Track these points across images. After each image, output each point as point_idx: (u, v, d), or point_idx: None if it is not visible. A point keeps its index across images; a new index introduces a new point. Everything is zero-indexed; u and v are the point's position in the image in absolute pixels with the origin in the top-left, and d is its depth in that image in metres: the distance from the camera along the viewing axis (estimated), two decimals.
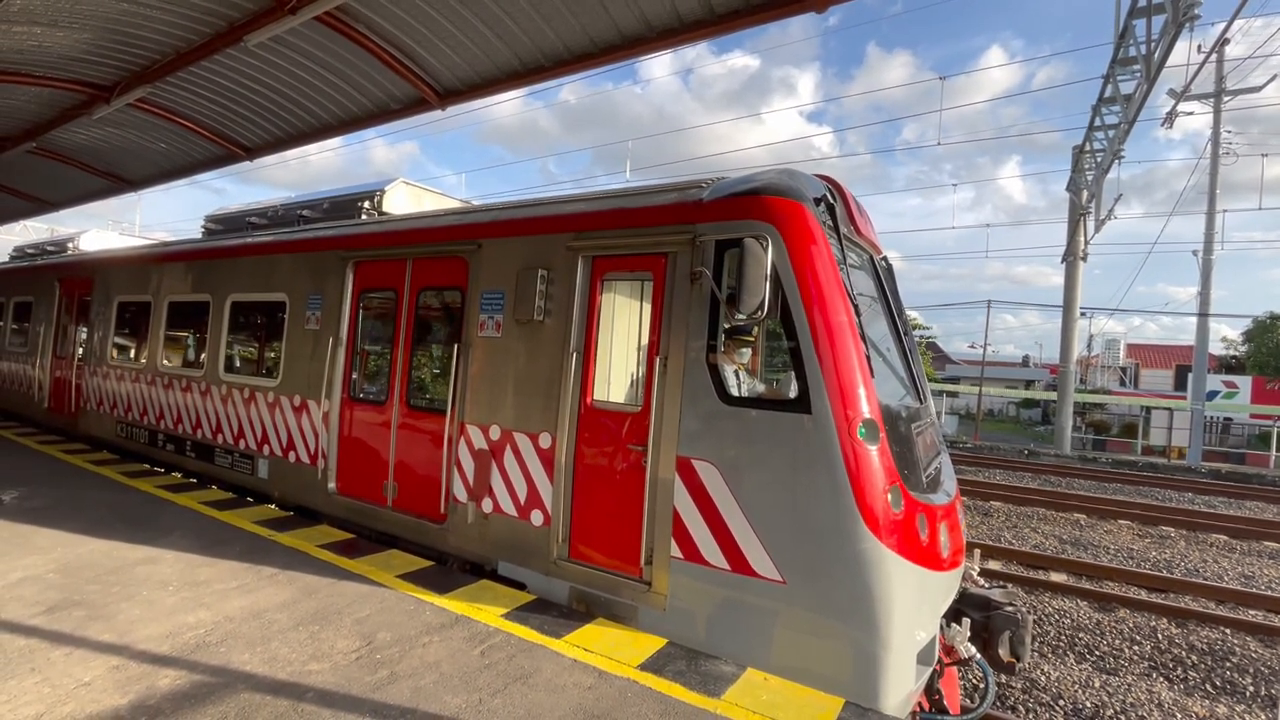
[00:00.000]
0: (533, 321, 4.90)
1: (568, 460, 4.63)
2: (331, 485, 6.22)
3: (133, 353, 9.75)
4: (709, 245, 4.19)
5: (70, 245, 12.49)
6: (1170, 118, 22.08)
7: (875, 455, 3.65)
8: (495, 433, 5.06)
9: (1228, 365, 39.88)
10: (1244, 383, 31.35)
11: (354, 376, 6.35)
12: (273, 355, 7.36)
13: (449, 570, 5.22)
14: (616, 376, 4.72)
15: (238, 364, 7.93)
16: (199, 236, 9.47)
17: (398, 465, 5.76)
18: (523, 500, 4.88)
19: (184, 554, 5.12)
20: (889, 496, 3.63)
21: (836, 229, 4.21)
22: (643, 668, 3.72)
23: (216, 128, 9.33)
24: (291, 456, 6.67)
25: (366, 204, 7.13)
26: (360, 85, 7.65)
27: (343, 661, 3.55)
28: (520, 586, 4.83)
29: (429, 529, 5.43)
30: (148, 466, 8.33)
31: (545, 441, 4.75)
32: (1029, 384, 55.98)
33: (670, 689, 3.49)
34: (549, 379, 4.80)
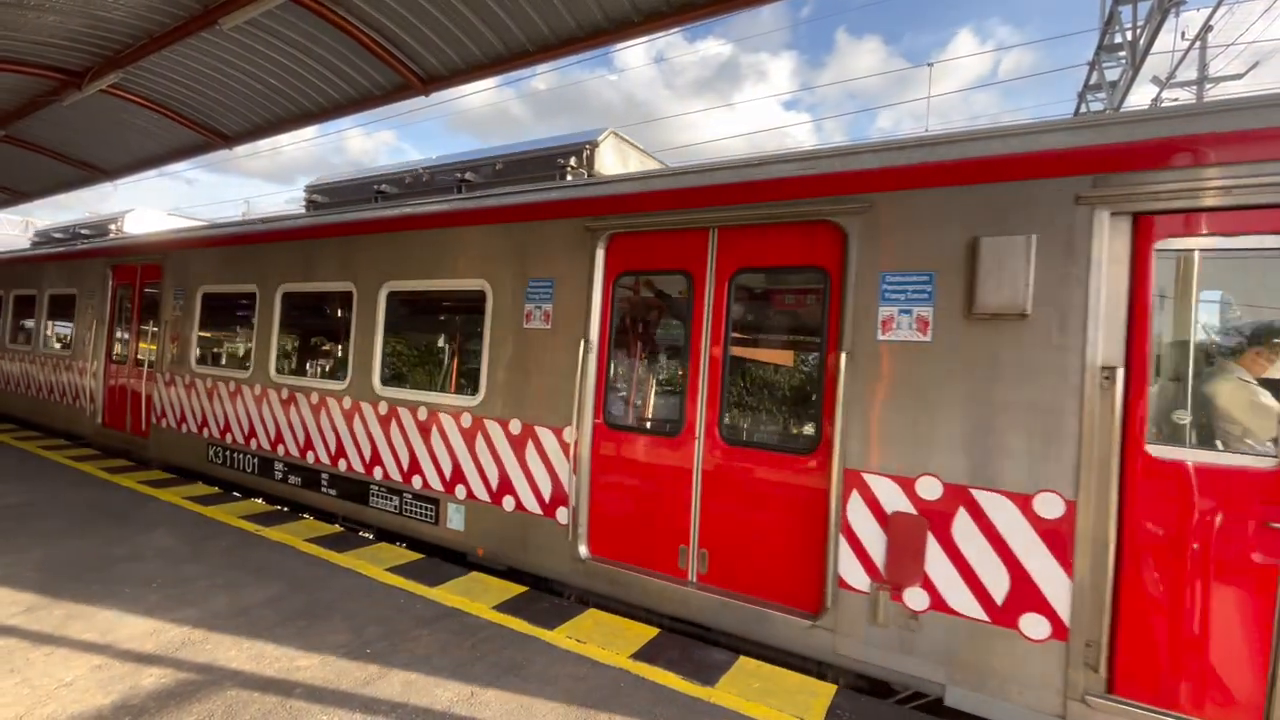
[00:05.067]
0: (1007, 316, 3.30)
1: (1103, 536, 3.04)
2: (583, 548, 4.54)
3: (231, 358, 8.21)
4: None
5: (114, 227, 10.66)
6: (1154, 105, 22.30)
7: None
8: (931, 489, 3.45)
9: None
10: None
11: (616, 395, 4.84)
12: (466, 364, 5.92)
13: (439, 563, 5.18)
14: (1191, 407, 3.17)
15: (404, 375, 6.30)
16: (302, 211, 7.70)
17: (710, 525, 4.14)
18: (1000, 597, 3.26)
19: (168, 550, 5.03)
20: None
21: None
22: (635, 657, 3.71)
23: (194, 115, 9.09)
24: (508, 502, 4.96)
25: (571, 160, 5.59)
26: (341, 71, 7.48)
27: (332, 656, 3.50)
28: None
29: (786, 624, 3.78)
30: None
31: (1049, 507, 3.16)
32: None
33: (663, 678, 3.49)
34: (1050, 409, 3.19)
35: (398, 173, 6.89)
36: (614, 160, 5.94)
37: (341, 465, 6.08)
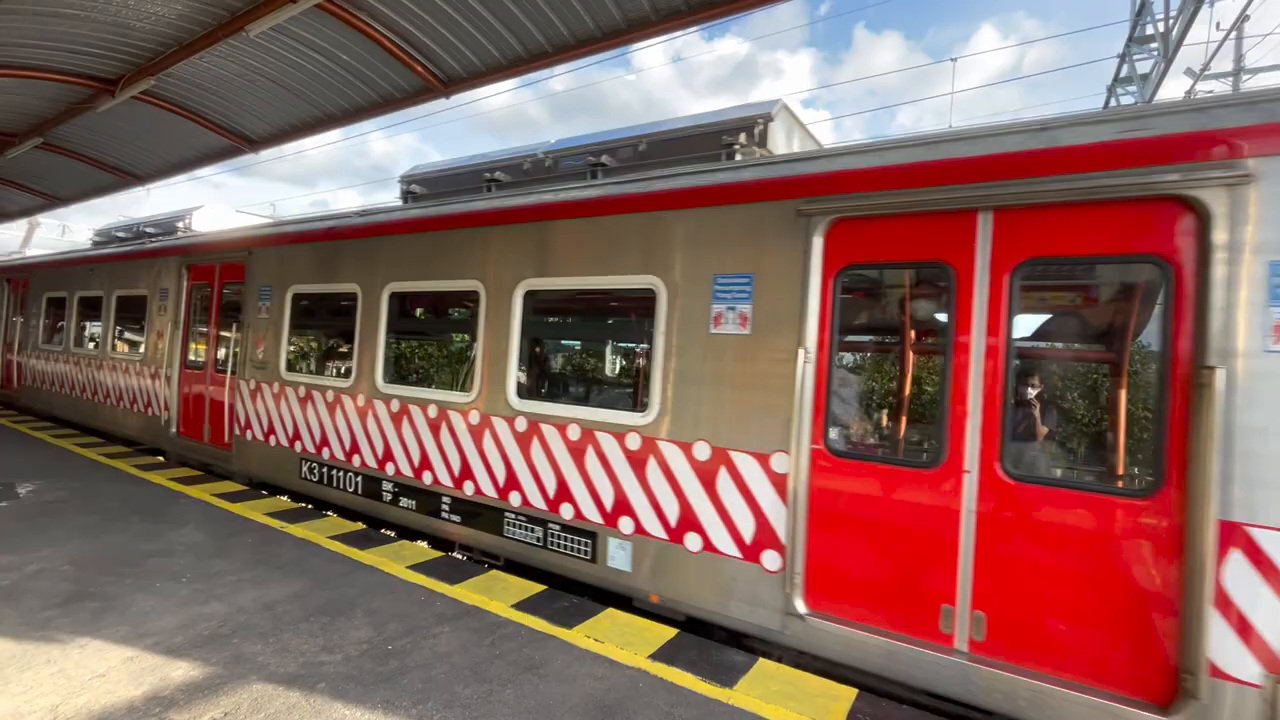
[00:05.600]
0: None
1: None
2: (799, 602, 3.77)
3: (328, 365, 7.63)
4: None
5: (182, 225, 10.15)
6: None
7: None
8: None
9: None
10: None
11: (842, 415, 4.18)
12: (631, 375, 5.31)
13: (459, 561, 5.22)
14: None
15: (547, 387, 5.78)
16: (399, 204, 7.00)
17: (990, 582, 3.33)
18: None
19: (197, 546, 5.15)
20: None
21: None
22: (654, 657, 3.70)
23: (221, 120, 9.31)
24: (692, 541, 4.19)
25: (741, 137, 4.85)
26: (363, 74, 7.60)
27: (354, 652, 3.55)
28: None
29: (1113, 716, 3.01)
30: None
31: None
32: None
33: (682, 679, 3.48)
34: None
35: (510, 158, 6.17)
36: (784, 138, 5.14)
37: (468, 488, 5.35)
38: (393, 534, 5.98)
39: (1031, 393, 4.30)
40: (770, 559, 3.89)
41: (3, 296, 14.15)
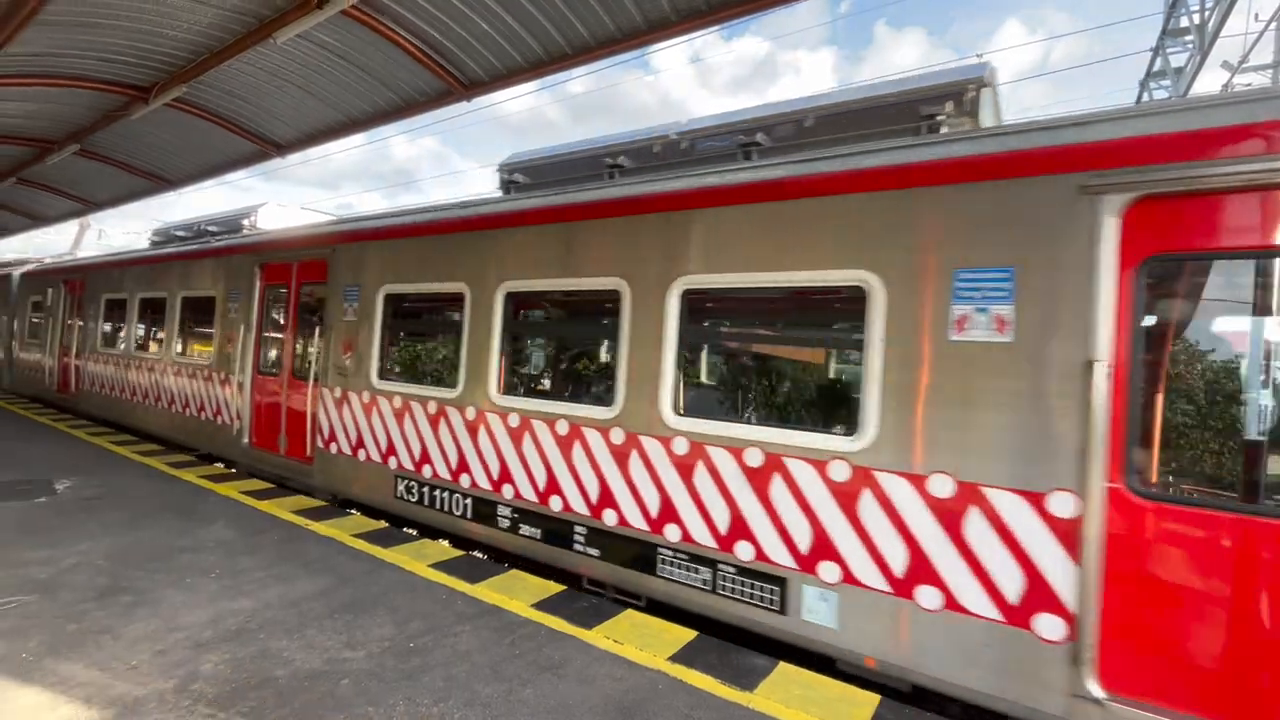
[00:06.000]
0: None
1: None
2: (1092, 683, 3.02)
3: (430, 372, 7.03)
4: None
5: (247, 222, 9.64)
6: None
7: None
8: None
9: None
10: None
11: (1153, 446, 3.27)
12: (831, 389, 4.72)
13: (480, 560, 5.26)
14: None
15: (713, 402, 5.20)
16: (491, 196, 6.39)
17: None
18: None
19: (226, 542, 5.26)
20: None
21: None
22: (674, 660, 3.69)
23: (249, 125, 9.51)
24: (927, 597, 3.43)
25: (947, 107, 4.15)
26: (386, 78, 7.71)
27: (377, 649, 3.60)
28: None
29: None
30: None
31: None
32: None
33: (702, 681, 3.46)
34: None
35: (634, 142, 5.46)
36: (990, 110, 4.42)
37: (608, 518, 4.66)
38: (414, 532, 6.04)
39: None
40: (1047, 625, 3.12)
41: (58, 299, 13.74)
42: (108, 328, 11.94)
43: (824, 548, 3.76)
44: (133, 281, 11.04)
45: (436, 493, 5.74)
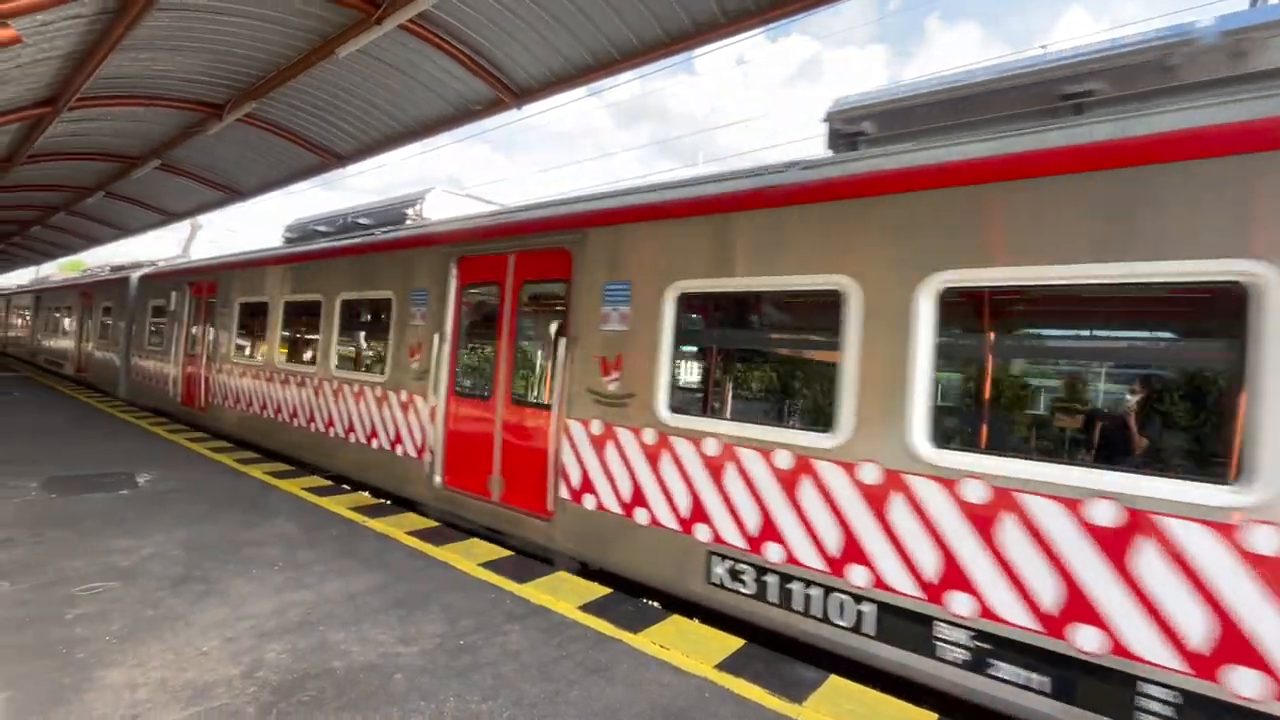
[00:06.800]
0: None
1: None
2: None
3: (765, 405, 5.85)
4: None
5: (411, 211, 8.23)
6: None
7: None
8: None
9: None
10: None
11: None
12: (1192, 426, 3.69)
13: (526, 560, 5.32)
14: None
15: (998, 432, 4.00)
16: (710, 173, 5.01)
17: None
18: None
19: (288, 537, 5.49)
20: None
21: None
22: (720, 667, 3.64)
23: (312, 138, 9.97)
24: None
25: None
26: (440, 89, 7.95)
27: (429, 645, 3.68)
28: None
29: None
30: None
31: None
32: None
33: (749, 691, 3.40)
34: None
35: (944, 88, 4.10)
36: None
37: (898, 593, 3.50)
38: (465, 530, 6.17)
39: None
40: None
41: (183, 303, 12.16)
42: (245, 335, 10.47)
43: (1240, 644, 2.62)
44: (277, 282, 9.50)
45: (796, 587, 3.91)
